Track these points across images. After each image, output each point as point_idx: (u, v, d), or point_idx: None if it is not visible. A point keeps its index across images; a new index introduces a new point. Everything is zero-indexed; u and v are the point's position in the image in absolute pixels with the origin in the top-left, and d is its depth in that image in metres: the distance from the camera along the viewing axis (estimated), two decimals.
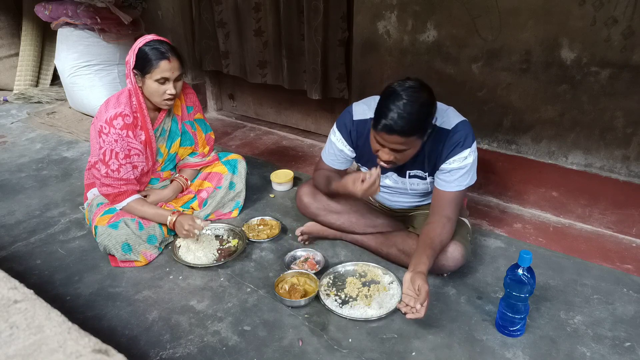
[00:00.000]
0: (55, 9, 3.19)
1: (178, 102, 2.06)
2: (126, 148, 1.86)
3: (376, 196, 1.97)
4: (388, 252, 1.89)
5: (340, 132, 1.81)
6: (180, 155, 2.15)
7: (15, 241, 2.07)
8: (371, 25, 2.47)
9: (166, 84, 1.83)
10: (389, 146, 1.53)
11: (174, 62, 1.82)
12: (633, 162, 2.01)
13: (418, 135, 1.52)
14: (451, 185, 1.67)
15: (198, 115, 2.17)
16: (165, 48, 1.81)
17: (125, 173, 1.89)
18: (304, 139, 3.20)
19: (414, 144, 1.54)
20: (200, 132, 2.18)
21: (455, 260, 1.72)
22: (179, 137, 2.08)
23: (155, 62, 1.78)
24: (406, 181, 1.80)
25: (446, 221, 1.67)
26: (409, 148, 1.54)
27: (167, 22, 3.39)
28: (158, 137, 2.01)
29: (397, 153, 1.55)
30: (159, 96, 1.84)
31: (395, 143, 1.51)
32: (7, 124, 3.40)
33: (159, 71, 1.79)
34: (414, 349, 1.53)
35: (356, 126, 1.77)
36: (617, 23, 1.83)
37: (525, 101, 2.15)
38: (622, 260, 1.96)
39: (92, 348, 0.98)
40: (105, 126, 1.82)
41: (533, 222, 2.24)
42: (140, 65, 1.80)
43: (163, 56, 1.79)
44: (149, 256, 1.93)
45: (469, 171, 1.67)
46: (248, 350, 1.52)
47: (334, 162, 1.88)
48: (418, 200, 1.92)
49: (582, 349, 1.53)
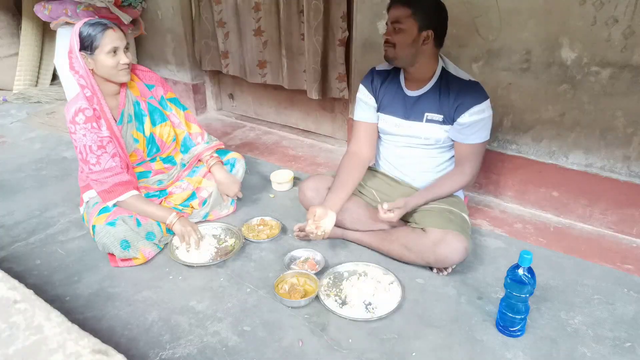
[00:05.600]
0: (55, 9, 3.18)
1: (134, 84, 2.03)
2: (97, 140, 1.85)
3: (390, 157, 2.05)
4: (390, 248, 1.89)
5: (364, 85, 1.97)
6: (159, 135, 2.08)
7: (14, 241, 2.06)
8: (371, 25, 2.47)
9: (118, 53, 1.82)
10: (390, 23, 1.71)
11: (118, 32, 1.83)
12: (633, 162, 2.01)
13: (416, 17, 1.66)
14: (470, 138, 1.80)
15: (170, 95, 2.15)
16: (104, 21, 1.82)
17: (106, 162, 1.88)
18: (304, 139, 3.20)
19: (410, 27, 1.68)
20: (178, 110, 2.15)
21: (458, 252, 1.72)
22: (147, 117, 2.04)
23: (101, 34, 1.77)
24: (422, 126, 1.86)
25: (459, 172, 1.86)
26: (404, 28, 1.68)
27: (166, 21, 3.39)
28: (127, 124, 1.98)
29: (395, 33, 1.70)
30: (114, 68, 1.82)
31: (395, 17, 1.68)
32: (7, 124, 3.40)
33: (108, 41, 1.78)
34: (414, 349, 1.52)
35: (378, 74, 1.95)
36: (618, 23, 1.83)
37: (525, 101, 2.15)
38: (623, 260, 1.96)
39: (91, 348, 0.97)
40: (71, 126, 1.84)
41: (533, 222, 2.24)
42: (87, 43, 1.79)
43: (106, 27, 1.79)
44: (148, 253, 1.93)
45: (485, 125, 1.80)
46: (248, 350, 1.51)
47: (364, 115, 1.99)
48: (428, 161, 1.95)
49: (582, 349, 1.52)
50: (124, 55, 1.83)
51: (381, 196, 2.03)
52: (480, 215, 2.28)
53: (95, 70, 1.84)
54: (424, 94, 1.84)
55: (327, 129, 3.14)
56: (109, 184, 1.89)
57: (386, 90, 1.92)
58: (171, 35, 3.42)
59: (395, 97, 1.90)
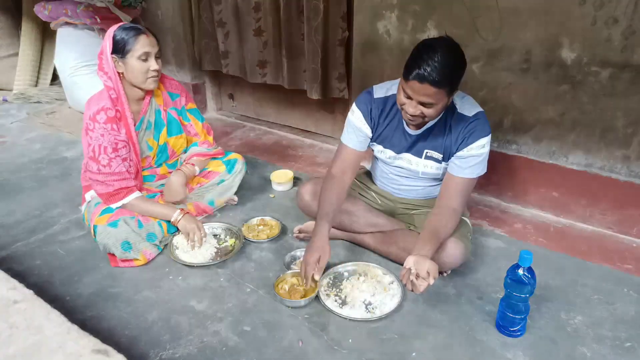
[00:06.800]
0: (55, 9, 3.18)
1: (159, 92, 2.04)
2: (113, 142, 1.86)
3: (384, 179, 1.98)
4: (388, 251, 1.89)
5: (360, 110, 1.81)
6: (172, 145, 2.12)
7: (14, 241, 2.06)
8: (371, 25, 2.47)
9: (149, 59, 1.83)
10: (417, 98, 1.52)
11: (152, 38, 1.84)
12: (633, 162, 2.01)
13: (447, 90, 1.51)
14: (465, 171, 1.70)
15: (190, 105, 2.16)
16: (139, 26, 1.83)
17: (117, 166, 1.88)
18: (304, 139, 3.20)
19: (441, 99, 1.53)
20: (197, 122, 2.17)
21: (455, 258, 1.72)
22: (164, 127, 2.05)
23: (134, 39, 1.79)
24: (420, 162, 1.80)
25: (452, 213, 1.70)
26: (435, 102, 1.53)
27: (166, 21, 3.39)
28: (144, 131, 1.99)
29: (424, 107, 1.54)
30: (143, 74, 1.83)
31: (424, 95, 1.50)
32: (7, 124, 3.39)
33: (140, 46, 1.80)
34: (414, 349, 1.52)
35: (377, 104, 1.79)
36: (618, 23, 1.83)
37: (525, 101, 2.15)
38: (623, 260, 1.96)
39: (91, 348, 0.98)
40: (90, 123, 1.83)
41: (533, 222, 2.24)
42: (120, 47, 1.80)
43: (140, 32, 1.81)
44: (149, 255, 1.93)
45: (483, 161, 1.71)
46: (248, 350, 1.51)
47: (354, 142, 1.84)
48: (424, 188, 1.92)
49: (582, 349, 1.52)
50: (154, 61, 1.84)
51: (381, 199, 2.03)
52: (480, 215, 2.28)
53: (125, 74, 1.85)
54: (426, 132, 1.74)
55: (327, 129, 3.14)
56: (114, 187, 1.89)
57: (385, 123, 1.80)
58: (171, 35, 3.42)
59: (395, 132, 1.79)
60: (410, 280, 1.50)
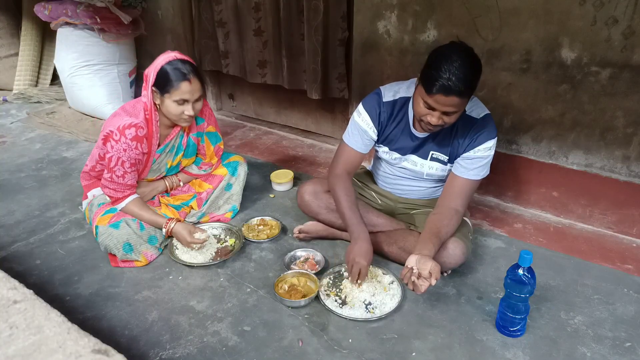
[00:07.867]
0: (55, 9, 3.18)
1: None
2: (133, 158, 1.85)
3: (387, 180, 1.99)
4: (389, 250, 1.89)
5: (368, 113, 1.79)
6: (184, 164, 2.15)
7: (14, 241, 2.06)
8: (371, 25, 2.47)
9: (185, 105, 1.80)
10: (441, 109, 1.52)
11: (195, 84, 1.79)
12: (633, 162, 2.01)
13: (469, 97, 1.55)
14: (469, 173, 1.71)
15: (210, 128, 2.12)
16: (187, 69, 1.77)
17: (130, 179, 1.89)
18: (304, 139, 3.20)
19: (463, 105, 1.55)
20: (209, 145, 2.14)
21: (456, 258, 1.72)
22: (182, 151, 2.07)
23: (176, 84, 1.75)
24: (426, 164, 1.81)
25: (454, 213, 1.70)
26: (458, 110, 1.54)
27: (166, 21, 3.39)
28: (167, 154, 2.00)
29: (447, 116, 1.54)
30: (176, 115, 1.83)
31: (450, 105, 1.50)
32: (7, 124, 3.39)
33: (179, 93, 1.77)
34: (414, 349, 1.52)
35: (386, 107, 1.77)
36: (618, 23, 1.83)
37: (525, 101, 2.15)
38: (623, 260, 1.96)
39: (91, 348, 0.98)
40: (116, 133, 1.79)
41: (533, 222, 2.24)
42: (161, 84, 1.78)
43: (184, 77, 1.76)
44: (150, 256, 1.93)
45: (488, 163, 1.73)
46: (248, 350, 1.51)
47: (358, 144, 1.83)
48: (426, 189, 1.93)
49: (582, 349, 1.52)
50: (190, 107, 1.81)
51: (381, 198, 2.03)
52: (480, 215, 2.28)
53: (160, 107, 1.84)
54: (433, 134, 1.74)
55: (327, 129, 3.14)
56: (123, 194, 1.91)
57: (393, 126, 1.79)
58: (171, 35, 3.42)
59: (402, 134, 1.79)
60: (411, 280, 1.50)
